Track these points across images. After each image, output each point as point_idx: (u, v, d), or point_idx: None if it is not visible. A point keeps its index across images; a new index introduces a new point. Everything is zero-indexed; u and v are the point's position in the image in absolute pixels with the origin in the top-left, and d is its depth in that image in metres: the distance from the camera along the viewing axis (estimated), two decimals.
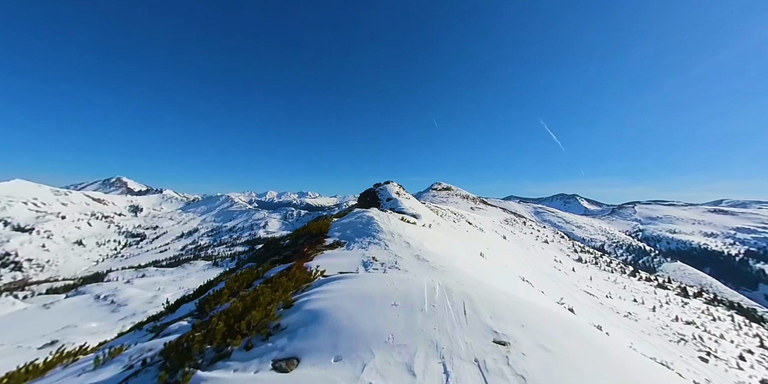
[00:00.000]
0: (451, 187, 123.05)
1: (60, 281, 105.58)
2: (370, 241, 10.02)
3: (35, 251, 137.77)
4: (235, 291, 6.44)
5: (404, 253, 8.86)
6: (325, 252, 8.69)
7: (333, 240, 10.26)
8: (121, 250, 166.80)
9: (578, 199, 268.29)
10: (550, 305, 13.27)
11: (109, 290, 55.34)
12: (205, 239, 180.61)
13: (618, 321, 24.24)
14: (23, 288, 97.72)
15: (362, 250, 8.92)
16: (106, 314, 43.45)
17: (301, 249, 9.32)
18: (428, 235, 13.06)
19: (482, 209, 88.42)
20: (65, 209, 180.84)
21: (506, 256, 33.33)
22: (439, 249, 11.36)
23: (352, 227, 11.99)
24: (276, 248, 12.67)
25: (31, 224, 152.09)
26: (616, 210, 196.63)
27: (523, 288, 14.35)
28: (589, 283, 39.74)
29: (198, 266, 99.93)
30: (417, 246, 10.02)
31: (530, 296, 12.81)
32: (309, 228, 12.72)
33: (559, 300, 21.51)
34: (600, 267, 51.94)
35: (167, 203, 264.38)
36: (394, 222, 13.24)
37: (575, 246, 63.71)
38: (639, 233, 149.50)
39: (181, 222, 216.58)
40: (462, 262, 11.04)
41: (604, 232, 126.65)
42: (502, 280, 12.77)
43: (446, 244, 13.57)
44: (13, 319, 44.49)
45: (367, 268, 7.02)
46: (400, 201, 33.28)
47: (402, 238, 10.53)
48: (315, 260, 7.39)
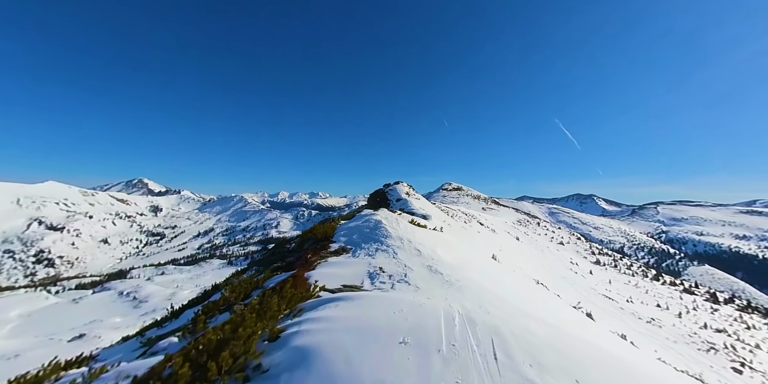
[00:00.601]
0: (461, 187, 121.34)
1: (88, 277, 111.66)
2: (377, 247, 9.30)
3: (66, 249, 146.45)
4: (231, 303, 5.91)
5: (415, 262, 8.00)
6: (329, 259, 8.14)
7: (338, 245, 9.72)
8: (143, 248, 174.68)
9: (595, 200, 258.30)
10: (608, 341, 10.50)
11: (131, 287, 58.03)
12: (220, 238, 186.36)
13: (640, 327, 23.03)
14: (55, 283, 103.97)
15: (369, 259, 8.14)
16: (129, 310, 45.55)
17: (305, 255, 8.81)
18: (440, 240, 12.05)
19: (494, 210, 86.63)
20: (92, 209, 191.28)
21: (520, 258, 32.44)
22: (453, 256, 10.17)
23: (358, 232, 11.28)
24: (281, 253, 12.20)
25: (63, 223, 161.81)
26: (637, 210, 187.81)
27: (558, 307, 11.91)
28: (607, 287, 38.07)
29: (213, 265, 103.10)
30: (428, 254, 9.11)
31: (566, 318, 10.62)
32: (314, 232, 12.14)
33: (576, 304, 20.67)
34: (619, 270, 49.68)
35: (185, 203, 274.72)
36: (404, 226, 12.37)
37: (593, 248, 61.26)
38: (662, 235, 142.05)
39: (198, 222, 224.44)
40: (479, 271, 9.98)
41: (624, 233, 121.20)
42: (527, 292, 11.07)
43: (460, 249, 12.43)
44: (46, 313, 47.44)
45: (374, 281, 6.21)
46: (410, 201, 33.05)
47: (412, 245, 9.68)
48: (318, 269, 6.84)
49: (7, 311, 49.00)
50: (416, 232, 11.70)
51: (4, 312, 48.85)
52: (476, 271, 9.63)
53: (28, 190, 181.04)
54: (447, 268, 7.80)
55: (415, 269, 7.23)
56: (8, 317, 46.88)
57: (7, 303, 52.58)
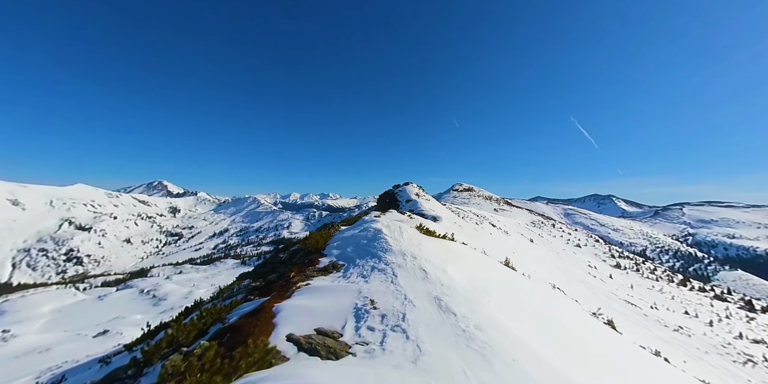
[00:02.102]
0: (473, 188, 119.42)
1: (112, 275, 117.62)
2: (374, 265, 7.44)
3: (93, 248, 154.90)
4: (177, 346, 4.89)
5: (419, 290, 5.87)
6: (313, 280, 6.58)
7: (329, 261, 8.12)
8: (162, 247, 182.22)
9: (614, 200, 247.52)
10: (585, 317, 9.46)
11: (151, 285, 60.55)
12: (234, 239, 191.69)
13: (667, 335, 21.72)
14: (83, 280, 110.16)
15: (361, 282, 6.29)
16: (149, 307, 47.49)
17: (288, 273, 7.44)
18: (452, 253, 9.54)
19: (506, 211, 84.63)
20: (117, 210, 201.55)
21: (534, 261, 31.45)
22: (468, 276, 7.72)
23: (354, 243, 9.38)
24: (273, 263, 10.82)
25: (90, 224, 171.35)
26: (661, 212, 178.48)
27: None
28: (629, 292, 36.24)
29: (228, 264, 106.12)
30: (437, 276, 6.77)
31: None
32: (306, 242, 10.42)
33: (596, 310, 19.75)
34: (642, 274, 47.22)
35: (201, 205, 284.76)
36: (408, 236, 10.02)
37: (612, 251, 58.63)
38: (689, 238, 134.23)
39: (213, 222, 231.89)
40: (504, 298, 7.12)
41: (646, 235, 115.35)
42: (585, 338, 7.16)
43: (475, 263, 9.64)
44: (74, 309, 50.24)
45: (359, 325, 4.28)
46: (419, 202, 32.77)
47: (417, 262, 7.54)
48: (295, 297, 5.24)
49: (41, 306, 52.29)
50: (423, 244, 9.42)
51: (38, 307, 52.16)
52: (500, 299, 6.78)
53: (60, 192, 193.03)
54: (461, 302, 5.52)
55: (419, 305, 5.13)
56: (42, 312, 49.99)
57: (41, 298, 56.13)
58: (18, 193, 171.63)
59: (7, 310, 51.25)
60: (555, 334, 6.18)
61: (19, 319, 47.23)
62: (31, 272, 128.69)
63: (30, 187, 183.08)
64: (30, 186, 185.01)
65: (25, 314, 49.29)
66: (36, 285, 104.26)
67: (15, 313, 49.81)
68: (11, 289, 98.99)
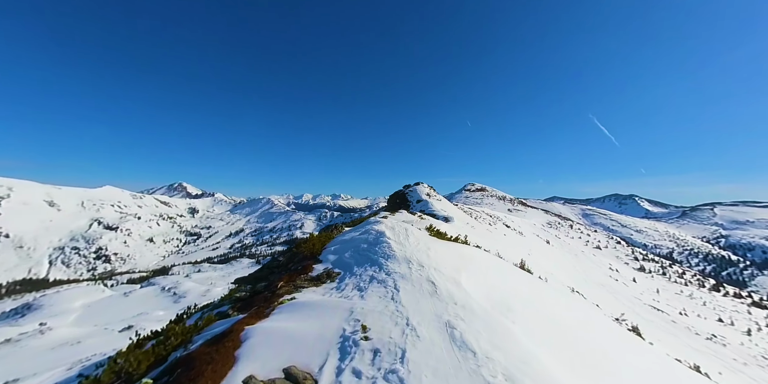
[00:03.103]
0: (485, 188, 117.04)
1: (136, 273, 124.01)
2: (373, 274, 6.32)
3: (119, 247, 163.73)
4: (127, 379, 4.24)
5: (425, 311, 4.61)
6: (302, 292, 5.73)
7: (324, 268, 7.19)
8: (182, 247, 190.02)
9: (637, 200, 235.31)
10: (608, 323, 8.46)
11: (172, 283, 63.19)
12: (249, 239, 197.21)
13: (698, 344, 20.30)
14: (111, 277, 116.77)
15: (354, 299, 5.15)
16: (170, 304, 49.54)
17: (276, 283, 6.65)
18: (466, 259, 8.11)
19: (521, 211, 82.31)
20: (140, 211, 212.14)
21: (551, 264, 30.33)
22: (487, 290, 6.12)
23: (353, 247, 8.33)
24: (271, 268, 10.20)
25: (117, 224, 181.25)
26: (689, 212, 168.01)
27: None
28: (655, 297, 34.27)
29: (243, 263, 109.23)
30: (448, 291, 5.47)
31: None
32: (302, 247, 9.49)
33: (619, 316, 18.74)
34: (669, 278, 44.56)
35: (218, 205, 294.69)
36: (415, 239, 8.82)
37: (636, 253, 55.69)
38: (721, 240, 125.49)
39: (230, 223, 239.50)
40: (533, 315, 5.68)
41: (673, 237, 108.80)
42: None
43: (493, 272, 8.01)
44: (102, 304, 53.23)
45: (342, 368, 3.24)
46: (430, 203, 32.41)
47: (424, 272, 6.29)
48: (273, 317, 4.37)
49: (73, 301, 55.79)
50: (432, 248, 8.16)
51: (71, 302, 55.68)
52: (527, 317, 5.31)
53: (90, 194, 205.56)
54: (481, 330, 4.13)
55: (425, 336, 3.85)
56: (74, 307, 53.31)
57: (73, 294, 59.89)
58: (54, 194, 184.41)
59: (45, 304, 55.06)
60: (599, 366, 4.57)
61: (54, 313, 50.63)
62: (65, 269, 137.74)
63: (64, 189, 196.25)
64: (64, 188, 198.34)
65: (60, 308, 52.76)
66: (69, 281, 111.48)
67: (51, 307, 53.44)
68: (48, 284, 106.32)
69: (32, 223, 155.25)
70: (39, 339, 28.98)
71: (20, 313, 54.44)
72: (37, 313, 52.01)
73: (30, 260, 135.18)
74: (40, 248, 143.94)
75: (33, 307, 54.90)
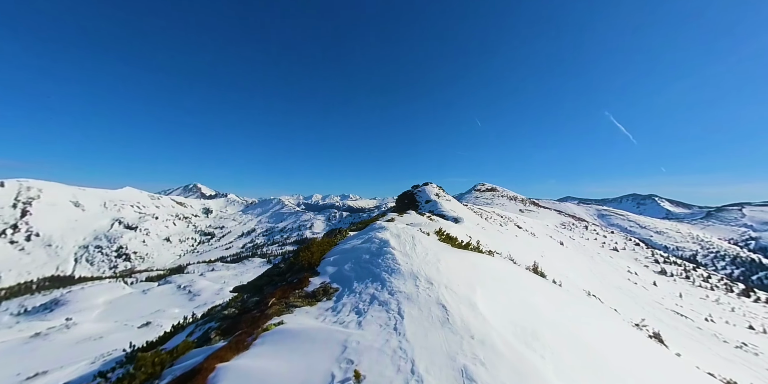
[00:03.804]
0: (496, 188, 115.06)
1: (155, 271, 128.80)
2: (374, 293, 5.48)
3: (138, 245, 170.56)
4: None
5: (435, 350, 3.71)
6: (294, 313, 5.04)
7: (321, 282, 6.47)
8: (197, 246, 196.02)
9: (657, 200, 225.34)
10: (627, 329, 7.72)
11: (187, 281, 65.22)
12: (260, 238, 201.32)
13: (727, 353, 19.16)
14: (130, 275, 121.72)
15: (350, 327, 4.31)
16: (185, 302, 51.12)
17: (267, 299, 5.97)
18: (480, 272, 6.94)
19: (533, 212, 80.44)
20: (158, 211, 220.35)
21: (566, 266, 29.41)
22: (508, 315, 5.00)
23: (354, 258, 7.52)
24: (270, 276, 9.32)
25: (136, 223, 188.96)
26: (714, 213, 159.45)
27: None
28: (678, 302, 32.66)
29: (255, 263, 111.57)
30: (462, 317, 4.48)
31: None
32: (300, 256, 8.75)
33: (639, 321, 17.93)
34: (693, 282, 42.39)
35: (231, 206, 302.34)
36: (423, 248, 7.81)
37: (656, 255, 53.31)
38: (750, 242, 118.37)
39: (242, 223, 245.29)
40: (568, 347, 4.52)
41: (696, 239, 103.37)
42: None
43: (514, 287, 6.79)
44: (123, 301, 55.55)
45: None
46: (439, 203, 32.10)
47: (433, 291, 5.32)
48: (250, 352, 3.72)
49: (96, 298, 58.51)
50: (442, 260, 7.06)
51: (94, 298, 58.42)
52: (561, 353, 4.24)
53: (112, 195, 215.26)
54: (507, 382, 3.25)
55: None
56: (97, 303, 55.89)
57: (96, 291, 62.81)
58: (79, 195, 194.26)
59: (71, 300, 58.01)
60: None
61: (79, 309, 53.26)
62: (89, 267, 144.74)
63: (88, 191, 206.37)
64: (88, 189, 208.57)
65: (84, 304, 55.44)
66: (93, 278, 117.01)
67: (76, 303, 56.24)
68: (74, 281, 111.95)
69: (59, 223, 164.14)
70: (65, 333, 30.51)
71: (49, 308, 57.58)
72: (64, 308, 54.84)
73: (58, 258, 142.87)
74: (66, 247, 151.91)
75: (60, 303, 57.96)
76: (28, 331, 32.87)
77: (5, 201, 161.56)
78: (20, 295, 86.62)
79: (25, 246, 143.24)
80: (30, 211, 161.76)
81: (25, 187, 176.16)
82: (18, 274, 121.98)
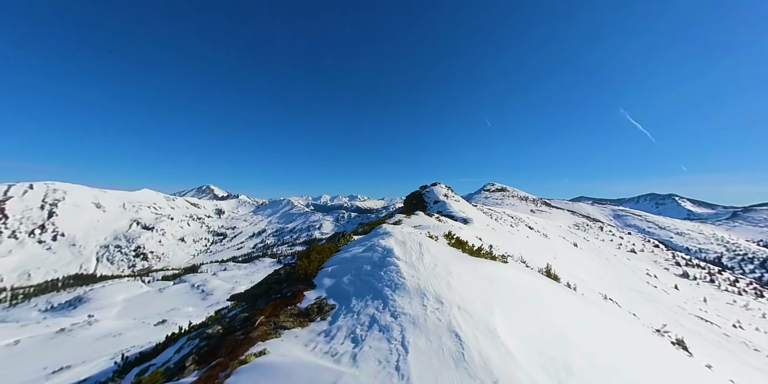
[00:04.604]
0: (506, 188, 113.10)
1: (170, 270, 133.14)
2: (374, 314, 4.70)
3: (155, 245, 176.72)
4: None
5: None
6: (281, 337, 4.39)
7: (316, 297, 5.84)
8: (210, 246, 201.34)
9: (677, 200, 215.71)
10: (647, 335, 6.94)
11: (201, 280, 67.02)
12: (271, 239, 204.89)
13: (758, 362, 18.03)
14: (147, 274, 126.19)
15: (343, 362, 3.61)
16: (199, 301, 52.51)
17: (257, 315, 5.31)
18: (498, 286, 5.91)
19: (545, 212, 78.54)
20: (173, 212, 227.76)
21: (580, 268, 28.51)
22: (533, 343, 4.00)
23: (354, 269, 6.71)
24: (269, 283, 8.46)
25: (153, 224, 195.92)
26: (741, 213, 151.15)
27: None
28: (702, 306, 31.09)
29: (266, 263, 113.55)
30: (481, 353, 3.57)
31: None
32: (298, 266, 7.79)
33: (660, 327, 17.12)
34: (719, 286, 40.27)
35: (242, 207, 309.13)
36: (432, 258, 6.88)
37: (677, 257, 50.97)
38: None
39: (253, 223, 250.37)
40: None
41: (721, 240, 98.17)
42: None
43: (539, 305, 5.59)
44: (140, 299, 57.59)
45: None
46: (448, 204, 31.74)
47: (444, 314, 4.46)
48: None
49: (116, 296, 60.97)
50: (453, 272, 6.11)
51: (114, 296, 60.90)
52: None
53: (130, 196, 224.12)
54: None
55: None
56: (116, 301, 58.22)
57: (116, 289, 65.47)
58: (100, 197, 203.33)
59: (93, 298, 60.69)
60: None
61: (100, 306, 55.62)
62: (110, 265, 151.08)
63: (108, 192, 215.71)
64: (108, 191, 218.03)
65: (105, 302, 57.87)
66: (113, 277, 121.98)
67: (97, 301, 58.78)
68: (96, 279, 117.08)
69: (82, 223, 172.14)
70: (87, 330, 31.91)
71: (73, 305, 60.44)
72: (87, 305, 57.41)
73: (81, 257, 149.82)
74: (89, 246, 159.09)
75: (83, 300, 60.72)
76: (54, 327, 34.57)
77: (34, 202, 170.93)
78: (47, 292, 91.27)
79: (51, 245, 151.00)
80: (56, 212, 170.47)
81: (52, 190, 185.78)
82: (45, 272, 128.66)
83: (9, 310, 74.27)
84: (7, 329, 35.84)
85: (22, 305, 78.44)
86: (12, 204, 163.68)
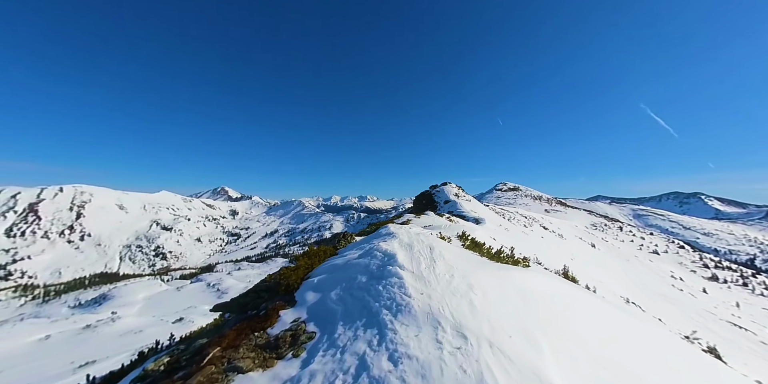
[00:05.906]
0: (518, 187, 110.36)
1: (187, 269, 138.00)
2: (365, 353, 3.14)
3: (173, 245, 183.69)
4: None
5: None
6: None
7: (293, 319, 4.43)
8: (225, 246, 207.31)
9: (703, 199, 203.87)
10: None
11: (216, 279, 69.02)
12: (283, 239, 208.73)
13: None
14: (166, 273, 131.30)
15: None
16: (214, 299, 54.02)
17: (209, 348, 3.77)
18: (535, 306, 4.14)
19: (560, 212, 76.03)
20: (190, 213, 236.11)
21: (599, 270, 27.33)
22: None
23: (346, 280, 5.16)
24: (257, 291, 6.81)
25: (171, 224, 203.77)
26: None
27: None
28: (735, 312, 29.09)
29: (278, 263, 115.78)
30: None
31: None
32: (280, 276, 6.41)
33: (690, 333, 16.10)
34: (753, 290, 37.61)
35: (255, 208, 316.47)
36: (445, 267, 5.20)
37: (704, 259, 48.06)
38: None
39: (265, 224, 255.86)
40: None
41: (754, 241, 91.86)
42: None
43: (590, 336, 3.67)
44: (160, 297, 59.88)
45: None
46: (459, 203, 31.21)
47: (470, 357, 2.75)
48: None
49: (137, 294, 63.68)
50: (476, 285, 4.47)
51: (136, 294, 63.62)
52: None
53: (150, 198, 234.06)
54: None
55: None
56: (138, 299, 60.78)
57: (137, 287, 68.42)
58: (123, 199, 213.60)
59: (116, 296, 63.68)
60: None
61: (123, 304, 58.27)
62: (132, 264, 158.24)
63: (130, 194, 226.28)
64: (130, 193, 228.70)
65: (127, 299, 60.56)
66: (134, 275, 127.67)
67: (120, 298, 61.60)
68: (119, 277, 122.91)
69: (107, 224, 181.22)
70: (111, 326, 33.47)
71: (98, 302, 63.62)
72: (111, 302, 60.30)
73: (106, 256, 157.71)
74: (113, 246, 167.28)
75: (107, 298, 63.82)
76: (80, 323, 36.50)
77: (64, 204, 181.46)
78: (76, 289, 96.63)
79: (79, 245, 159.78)
80: (83, 214, 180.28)
81: (79, 192, 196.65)
82: (74, 271, 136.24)
83: (42, 306, 79.15)
84: (39, 325, 38.17)
85: (54, 301, 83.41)
86: (44, 206, 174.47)
